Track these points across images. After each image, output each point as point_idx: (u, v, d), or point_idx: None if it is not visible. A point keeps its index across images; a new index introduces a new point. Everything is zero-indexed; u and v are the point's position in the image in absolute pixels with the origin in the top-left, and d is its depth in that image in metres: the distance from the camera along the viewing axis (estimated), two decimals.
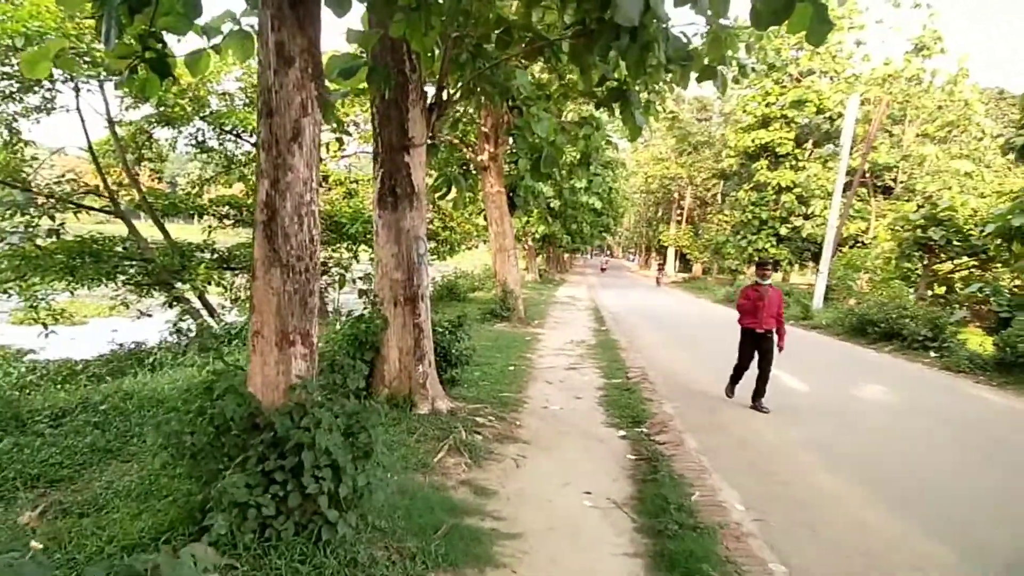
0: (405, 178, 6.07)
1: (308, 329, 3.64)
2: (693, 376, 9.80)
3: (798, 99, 34.44)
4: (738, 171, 40.13)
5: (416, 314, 6.14)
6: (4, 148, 11.60)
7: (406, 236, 6.09)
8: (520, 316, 14.37)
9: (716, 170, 45.87)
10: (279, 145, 3.54)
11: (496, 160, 13.51)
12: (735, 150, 37.80)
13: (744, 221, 36.48)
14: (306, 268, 3.61)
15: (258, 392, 3.53)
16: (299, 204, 3.58)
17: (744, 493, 4.90)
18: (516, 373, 8.98)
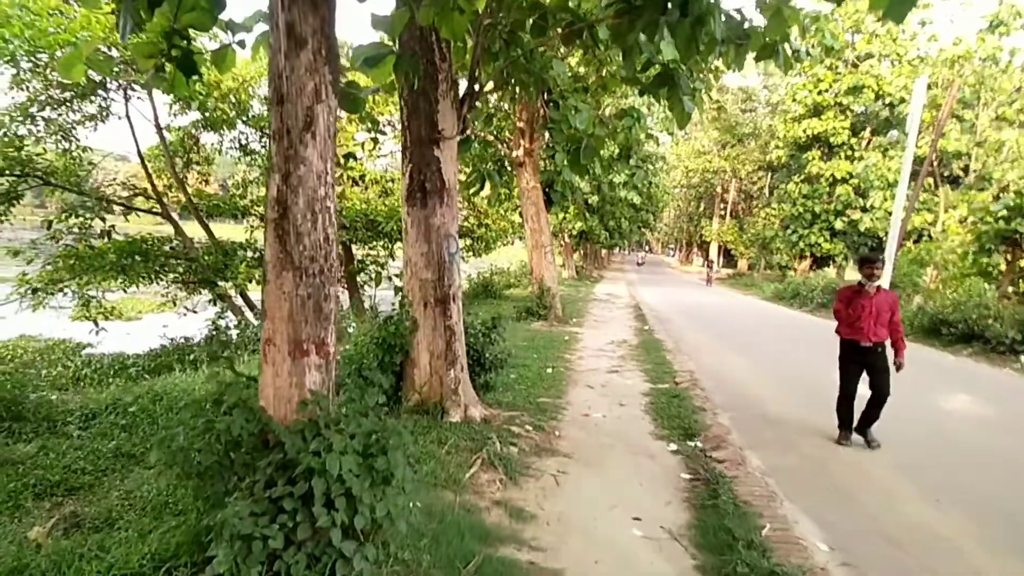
0: (435, 173, 5.73)
1: (324, 337, 3.32)
2: (749, 382, 9.24)
3: (855, 85, 32.94)
4: (787, 163, 38.80)
5: (447, 316, 5.80)
6: (63, 155, 11.90)
7: (436, 234, 5.75)
8: (557, 314, 13.96)
9: (762, 162, 44.53)
10: (290, 135, 3.22)
11: (532, 155, 13.11)
12: (784, 141, 36.48)
13: (795, 215, 35.20)
14: (320, 270, 3.29)
15: (270, 406, 3.23)
16: (312, 200, 3.26)
17: (825, 527, 4.33)
18: (554, 376, 8.59)
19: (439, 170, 5.74)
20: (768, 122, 43.04)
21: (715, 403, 7.78)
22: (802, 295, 26.03)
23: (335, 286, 3.38)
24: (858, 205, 32.99)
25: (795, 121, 35.31)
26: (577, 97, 11.33)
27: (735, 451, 5.95)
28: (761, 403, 7.99)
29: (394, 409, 5.75)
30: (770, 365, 10.78)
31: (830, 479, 5.41)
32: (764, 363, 10.94)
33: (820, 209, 34.39)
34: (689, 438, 6.34)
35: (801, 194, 35.03)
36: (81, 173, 11.74)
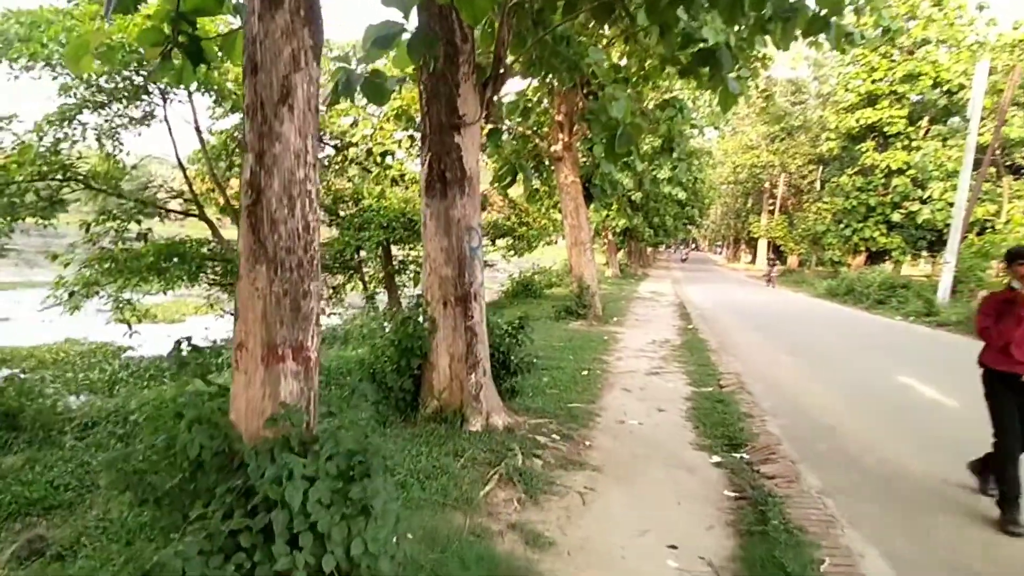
0: (455, 161, 5.23)
1: (303, 340, 2.84)
2: (801, 387, 8.44)
3: (911, 72, 31.01)
4: (839, 155, 36.90)
5: (468, 316, 5.29)
6: (106, 159, 11.97)
7: (456, 227, 5.25)
8: (597, 314, 13.31)
9: (813, 155, 42.59)
10: (264, 110, 2.76)
11: (570, 150, 12.50)
12: (836, 132, 34.67)
13: (848, 208, 33.37)
14: (299, 263, 2.82)
15: (240, 420, 2.78)
16: (290, 182, 2.78)
17: (900, 565, 3.63)
18: (589, 379, 7.99)
19: (459, 158, 5.24)
20: (819, 113, 41.04)
21: (763, 409, 7.05)
22: (857, 292, 24.57)
23: (317, 281, 2.90)
24: (916, 196, 31.03)
25: (848, 111, 33.51)
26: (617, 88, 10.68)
27: (787, 465, 5.25)
28: (815, 410, 7.22)
29: (411, 416, 5.28)
30: (824, 367, 9.91)
31: (902, 501, 4.67)
32: (818, 365, 10.07)
33: (875, 202, 32.51)
34: (734, 449, 5.67)
35: (855, 187, 33.19)
36: (119, 176, 11.74)
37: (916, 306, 19.30)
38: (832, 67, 40.66)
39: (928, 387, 8.57)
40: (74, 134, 11.06)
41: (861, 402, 7.66)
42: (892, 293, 22.15)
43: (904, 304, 20.30)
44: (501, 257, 20.52)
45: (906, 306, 19.97)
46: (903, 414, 7.17)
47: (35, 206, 10.24)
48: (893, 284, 23.28)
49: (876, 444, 6.01)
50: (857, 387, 8.49)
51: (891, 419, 6.94)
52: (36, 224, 10.54)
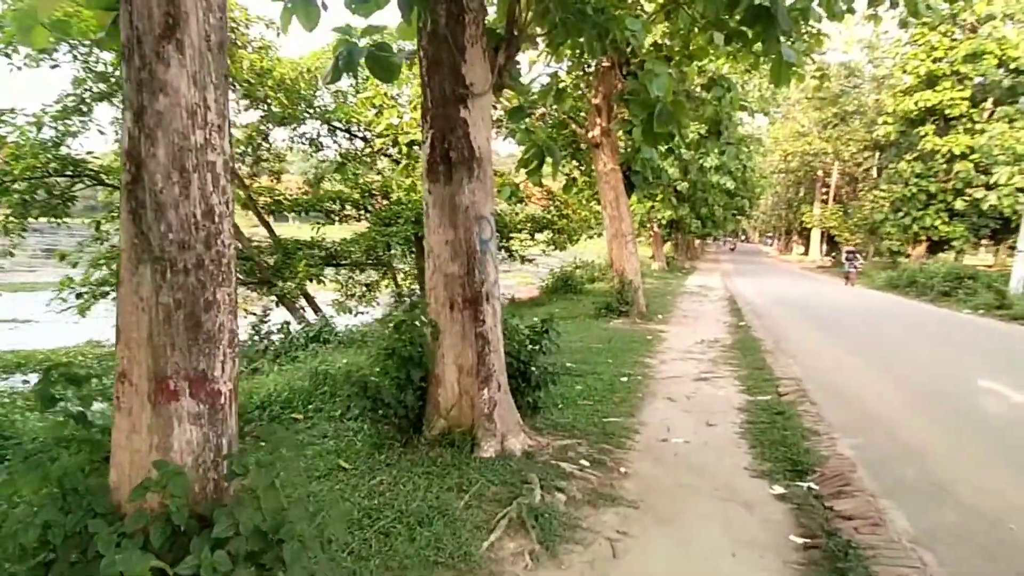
0: (461, 139, 4.34)
1: (206, 369, 2.02)
2: (873, 394, 7.22)
3: (974, 51, 28.52)
4: (897, 140, 34.39)
5: (479, 320, 4.40)
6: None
7: (464, 216, 4.36)
8: (641, 310, 12.24)
9: (868, 142, 39.94)
10: (142, 47, 1.94)
11: (609, 135, 11.45)
12: (894, 116, 32.27)
13: (907, 196, 31.06)
14: (198, 263, 1.99)
15: (123, 480, 1.98)
16: (180, 151, 1.96)
17: None
18: (629, 386, 7.00)
19: (466, 135, 4.34)
20: (873, 98, 38.40)
21: (831, 423, 5.93)
22: (920, 283, 22.61)
23: (229, 288, 2.08)
24: (981, 183, 28.53)
25: (906, 94, 31.11)
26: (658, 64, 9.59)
27: (867, 501, 4.18)
28: (892, 425, 6.04)
29: (413, 439, 4.43)
30: (895, 371, 8.61)
31: (1021, 552, 3.57)
32: (887, 368, 8.78)
33: (936, 188, 30.15)
34: (799, 476, 4.62)
35: (914, 173, 30.87)
36: None
37: (986, 298, 17.50)
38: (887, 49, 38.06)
39: (1019, 394, 7.26)
40: (82, 126, 10.64)
41: (944, 414, 6.43)
42: (958, 284, 20.29)
43: (972, 296, 18.50)
44: (541, 252, 19.58)
45: (974, 298, 18.18)
46: (997, 430, 5.93)
47: (48, 204, 9.89)
48: (959, 275, 21.32)
49: (972, 470, 4.85)
50: (937, 395, 7.23)
51: (984, 436, 5.72)
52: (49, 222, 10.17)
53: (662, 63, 10.29)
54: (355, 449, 4.43)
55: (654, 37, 11.09)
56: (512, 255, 18.31)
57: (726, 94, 10.76)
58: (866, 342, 10.92)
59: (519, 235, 17.94)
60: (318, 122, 13.91)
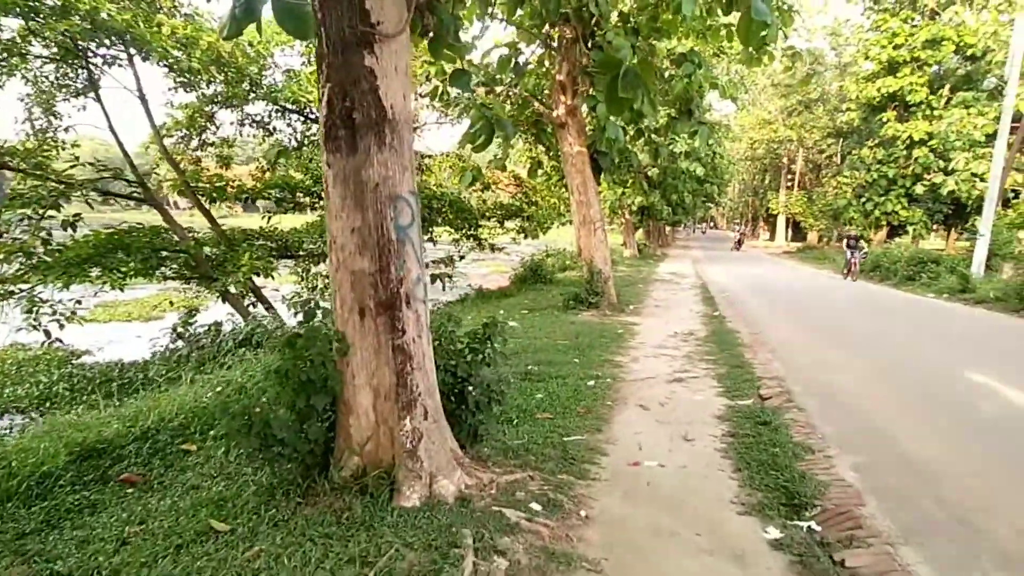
0: (367, 95, 3.21)
1: None
2: (865, 395, 6.29)
3: (933, 37, 28.03)
4: (859, 127, 33.96)
5: (397, 329, 3.31)
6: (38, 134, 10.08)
7: (374, 196, 3.25)
8: (611, 301, 11.22)
9: (831, 129, 39.51)
10: None
11: (575, 115, 10.34)
12: (856, 102, 31.75)
13: (869, 181, 30.66)
14: None
15: None
16: None
17: None
18: (597, 391, 5.97)
19: (374, 90, 3.21)
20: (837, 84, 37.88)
21: (823, 434, 4.99)
22: (884, 267, 22.13)
23: None
24: (938, 168, 28.18)
25: (868, 80, 30.56)
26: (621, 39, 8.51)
27: (885, 554, 3.22)
28: (893, 434, 5.10)
29: (318, 483, 3.32)
30: (881, 364, 7.72)
31: None
32: (872, 361, 7.90)
33: (896, 174, 29.78)
34: (796, 511, 3.66)
35: (876, 159, 30.47)
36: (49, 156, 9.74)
37: (949, 282, 17.02)
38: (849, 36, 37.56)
39: (1012, 389, 6.43)
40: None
41: (946, 420, 5.52)
42: (921, 269, 19.89)
43: (935, 280, 18.09)
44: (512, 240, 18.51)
45: (937, 282, 17.76)
46: (1009, 440, 5.04)
47: None
48: (922, 259, 20.92)
49: (1000, 498, 3.92)
50: (931, 394, 6.33)
51: (998, 449, 4.83)
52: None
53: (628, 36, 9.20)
54: (242, 499, 3.33)
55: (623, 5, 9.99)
56: (481, 244, 17.23)
57: (696, 71, 9.74)
58: (844, 332, 10.07)
59: (487, 223, 16.84)
60: (265, 103, 12.53)
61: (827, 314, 12.43)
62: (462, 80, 5.27)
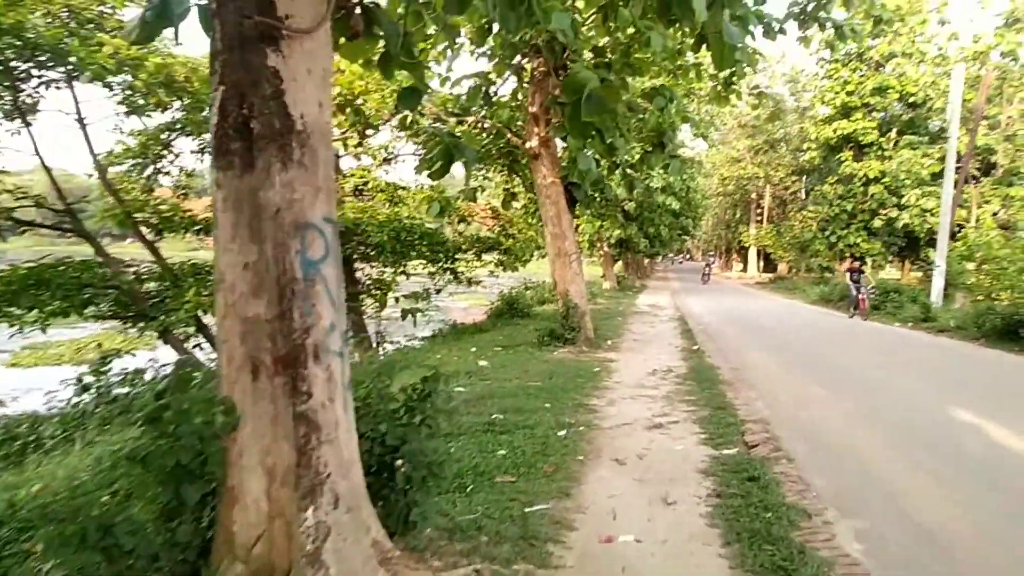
0: (269, 100, 2.46)
1: None
2: (855, 441, 5.57)
3: (879, 86, 29.03)
4: (820, 165, 34.57)
5: (301, 392, 2.50)
6: None
7: (274, 224, 2.47)
8: (588, 336, 10.43)
9: (795, 167, 40.12)
10: None
11: (548, 146, 9.73)
12: (816, 143, 32.55)
13: (832, 216, 31.08)
14: None
15: None
16: None
17: None
18: (567, 443, 5.14)
19: (278, 95, 2.46)
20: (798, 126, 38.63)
21: (819, 492, 4.22)
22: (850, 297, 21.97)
23: None
24: (892, 203, 28.97)
25: (825, 123, 31.42)
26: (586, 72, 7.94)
27: None
28: (894, 488, 4.38)
29: None
30: (865, 400, 7.07)
31: None
32: (856, 397, 7.23)
33: (855, 208, 30.33)
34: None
35: (837, 195, 31.11)
36: None
37: (912, 312, 16.97)
38: (806, 82, 38.59)
39: (1000, 429, 5.81)
40: None
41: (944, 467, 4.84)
42: (885, 298, 19.74)
43: (899, 310, 18.00)
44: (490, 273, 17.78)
45: (902, 311, 17.67)
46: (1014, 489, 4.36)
47: None
48: (886, 289, 20.94)
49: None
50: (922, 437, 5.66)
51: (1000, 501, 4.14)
52: None
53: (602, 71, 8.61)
54: None
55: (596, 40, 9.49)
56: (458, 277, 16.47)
57: (668, 104, 9.21)
58: (822, 366, 9.42)
59: (464, 256, 16.10)
60: None
61: (803, 346, 11.81)
62: (411, 99, 4.56)
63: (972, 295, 17.22)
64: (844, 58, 30.30)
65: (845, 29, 8.50)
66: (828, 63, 31.41)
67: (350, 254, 12.12)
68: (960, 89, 18.75)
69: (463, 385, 7.20)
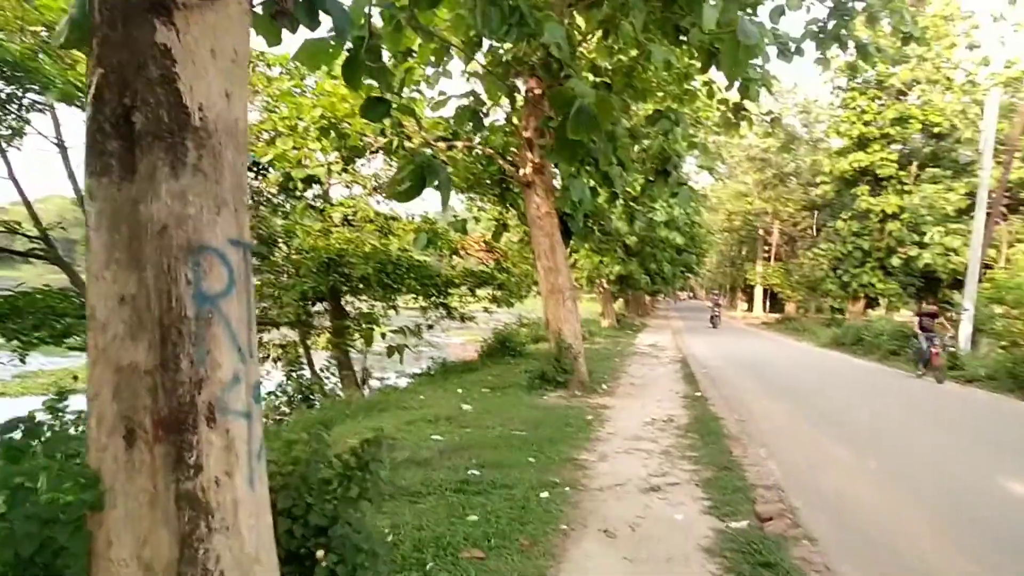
0: (156, 87, 2.00)
1: None
2: (889, 514, 4.99)
3: (900, 115, 28.44)
4: (833, 200, 34.10)
5: (187, 465, 1.98)
6: None
7: (159, 245, 1.99)
8: (582, 379, 9.87)
9: (805, 201, 39.78)
10: None
11: (542, 173, 9.36)
12: (830, 176, 31.91)
13: (845, 253, 30.40)
14: None
15: None
16: None
17: None
18: (550, 507, 4.56)
19: (169, 80, 2.00)
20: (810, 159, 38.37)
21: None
22: (867, 341, 21.22)
23: None
24: (911, 241, 27.95)
25: (841, 155, 30.82)
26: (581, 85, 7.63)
27: None
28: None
29: None
30: (895, 464, 6.45)
31: None
32: (883, 459, 6.61)
33: (870, 246, 29.57)
34: None
35: (851, 231, 30.34)
36: None
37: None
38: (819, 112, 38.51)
39: None
40: None
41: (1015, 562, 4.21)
42: (906, 343, 18.93)
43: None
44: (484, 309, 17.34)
45: None
46: None
47: None
48: (906, 334, 20.03)
49: None
50: (972, 517, 5.04)
51: None
52: None
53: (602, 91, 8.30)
54: None
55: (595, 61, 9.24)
56: (450, 312, 16.01)
57: (673, 128, 8.89)
58: (838, 418, 8.82)
59: (457, 291, 15.67)
60: None
61: (814, 394, 11.21)
62: (377, 110, 4.17)
63: (1000, 341, 16.53)
64: (862, 86, 29.80)
65: (870, 48, 8.18)
66: (844, 91, 30.90)
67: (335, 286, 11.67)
68: (994, 117, 17.98)
69: (440, 433, 6.65)
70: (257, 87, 12.64)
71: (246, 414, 2.15)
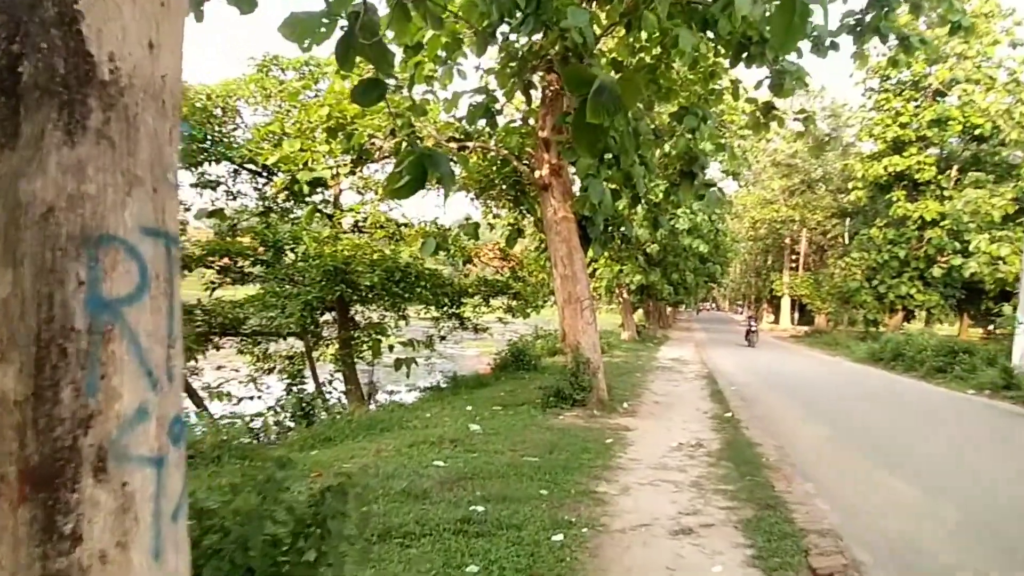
0: (51, 29, 1.52)
1: None
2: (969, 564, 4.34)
3: (938, 117, 27.54)
4: (866, 206, 33.14)
5: (61, 535, 1.47)
6: None
7: (41, 232, 1.49)
8: (601, 396, 9.28)
9: (835, 208, 38.83)
10: None
11: (559, 174, 8.87)
12: (863, 181, 30.94)
13: (880, 263, 29.35)
14: None
15: None
16: None
17: None
18: (563, 555, 4.00)
19: (67, 21, 1.53)
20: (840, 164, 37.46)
21: None
22: (907, 356, 20.23)
23: None
24: (953, 249, 26.83)
25: (874, 159, 29.91)
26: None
27: None
28: None
29: None
30: (975, 506, 5.70)
31: None
32: (959, 502, 5.88)
33: (907, 255, 28.47)
34: None
35: (886, 240, 29.30)
36: None
37: (989, 375, 14.90)
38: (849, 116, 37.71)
39: None
40: None
41: None
42: (952, 359, 17.94)
43: (970, 373, 15.91)
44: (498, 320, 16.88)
45: (975, 376, 15.57)
46: None
47: None
48: (953, 348, 19.00)
49: None
50: None
51: None
52: None
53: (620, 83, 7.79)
54: None
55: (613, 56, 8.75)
56: (463, 323, 15.57)
57: (700, 124, 8.34)
58: (895, 447, 8.12)
59: (471, 300, 15.23)
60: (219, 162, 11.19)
61: (858, 418, 10.48)
62: (371, 93, 3.70)
63: None
64: (896, 87, 29.09)
65: (913, 40, 7.64)
66: (877, 93, 30.15)
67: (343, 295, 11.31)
68: None
69: (443, 458, 6.13)
70: (270, 91, 12.43)
71: (155, 461, 1.63)
